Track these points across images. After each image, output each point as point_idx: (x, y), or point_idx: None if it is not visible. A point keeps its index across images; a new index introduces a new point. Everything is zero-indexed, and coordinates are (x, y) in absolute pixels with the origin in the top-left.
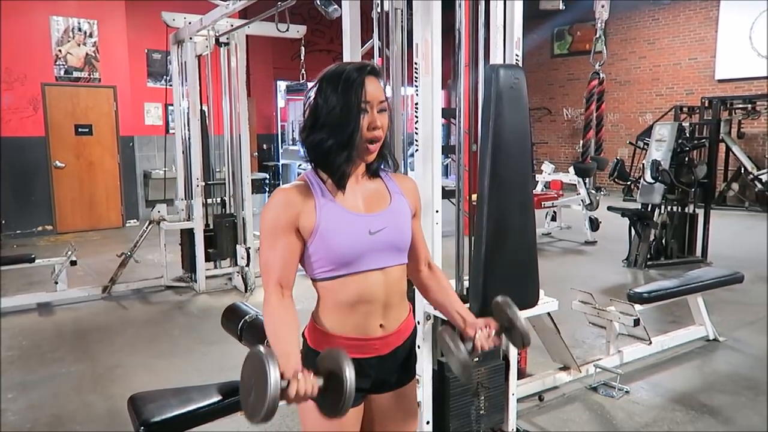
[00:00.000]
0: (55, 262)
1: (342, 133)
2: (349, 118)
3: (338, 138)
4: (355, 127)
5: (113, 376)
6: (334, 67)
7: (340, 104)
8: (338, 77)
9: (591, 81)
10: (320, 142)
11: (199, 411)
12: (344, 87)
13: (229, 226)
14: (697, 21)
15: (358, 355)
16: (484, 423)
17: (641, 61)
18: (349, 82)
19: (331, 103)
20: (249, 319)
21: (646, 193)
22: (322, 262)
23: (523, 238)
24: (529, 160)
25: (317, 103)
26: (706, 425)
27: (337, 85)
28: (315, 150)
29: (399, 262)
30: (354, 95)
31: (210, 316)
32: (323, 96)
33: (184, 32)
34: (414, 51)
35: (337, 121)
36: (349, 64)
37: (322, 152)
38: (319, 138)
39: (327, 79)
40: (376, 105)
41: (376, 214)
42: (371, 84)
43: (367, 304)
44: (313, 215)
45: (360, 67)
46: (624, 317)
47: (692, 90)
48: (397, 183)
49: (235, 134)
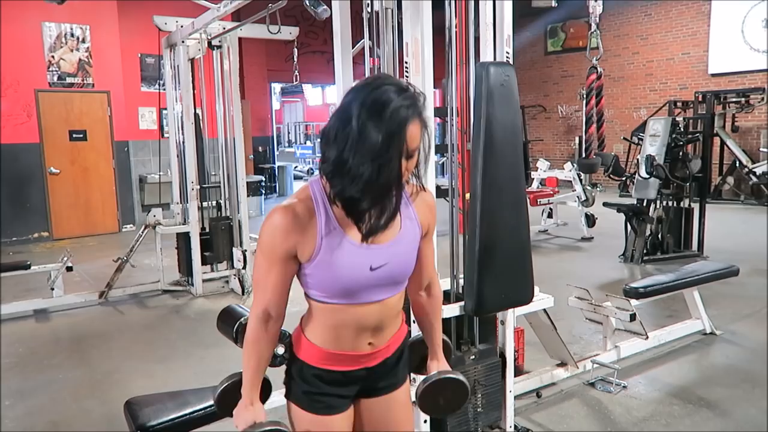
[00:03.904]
0: (51, 269)
1: (375, 179)
2: (389, 167)
3: (369, 181)
4: (392, 179)
5: (110, 381)
6: (375, 87)
7: (379, 146)
8: (382, 109)
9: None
10: (345, 173)
11: (196, 414)
12: (389, 128)
13: (225, 229)
14: (689, 16)
15: (345, 368)
16: (481, 420)
17: (634, 57)
18: (396, 122)
19: (370, 138)
20: (244, 321)
21: (641, 189)
22: (317, 287)
23: (516, 235)
24: (521, 157)
25: (350, 127)
26: (703, 418)
27: (379, 120)
28: (337, 177)
29: (398, 291)
30: (398, 141)
31: (207, 319)
32: (359, 123)
33: (176, 36)
34: (404, 50)
35: (372, 162)
36: (391, 87)
37: (344, 183)
38: (346, 169)
39: (367, 105)
40: (413, 149)
41: (381, 246)
42: (416, 127)
43: (358, 328)
44: (314, 242)
45: (409, 104)
46: (620, 312)
47: (686, 85)
48: (412, 202)
49: (230, 137)
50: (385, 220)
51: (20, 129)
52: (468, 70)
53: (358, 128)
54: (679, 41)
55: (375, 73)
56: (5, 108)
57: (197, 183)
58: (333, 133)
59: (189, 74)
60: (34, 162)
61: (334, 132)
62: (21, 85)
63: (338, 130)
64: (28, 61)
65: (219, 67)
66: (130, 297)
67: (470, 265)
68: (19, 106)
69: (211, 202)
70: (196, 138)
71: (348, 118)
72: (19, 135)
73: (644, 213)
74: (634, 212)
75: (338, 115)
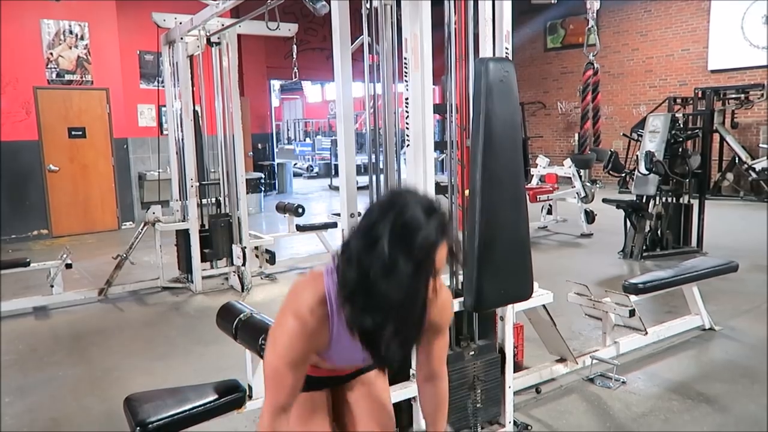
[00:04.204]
0: (50, 266)
1: (402, 308)
2: (418, 296)
3: (395, 309)
4: (420, 307)
5: (110, 378)
6: (402, 209)
7: (409, 274)
8: (412, 235)
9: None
10: (368, 298)
11: (196, 410)
12: (419, 256)
13: (225, 226)
14: (689, 12)
15: (323, 375)
16: (480, 416)
17: (634, 53)
18: (426, 250)
19: (399, 266)
20: (243, 318)
21: (640, 185)
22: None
23: (515, 231)
24: (520, 154)
25: (378, 252)
26: (702, 414)
27: (410, 247)
28: (358, 301)
29: None
30: (428, 267)
31: (207, 316)
32: (389, 248)
33: (175, 33)
34: (404, 46)
35: (399, 290)
36: (418, 209)
37: (366, 309)
38: (370, 294)
39: (397, 230)
40: (440, 269)
41: None
42: (444, 249)
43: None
44: (326, 343)
45: (438, 227)
46: (620, 308)
47: (685, 81)
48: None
49: (229, 134)
50: (407, 351)
51: (19, 126)
52: (467, 66)
53: (387, 254)
54: (679, 37)
55: (395, 188)
56: (4, 105)
57: (196, 180)
58: (357, 253)
59: (188, 71)
60: (33, 159)
61: (358, 252)
62: (20, 82)
63: (363, 251)
64: (26, 59)
65: (218, 64)
66: (130, 294)
67: (470, 260)
68: (18, 104)
69: (211, 199)
70: (195, 135)
71: (374, 241)
72: (18, 132)
73: (643, 209)
74: (633, 208)
75: (362, 234)
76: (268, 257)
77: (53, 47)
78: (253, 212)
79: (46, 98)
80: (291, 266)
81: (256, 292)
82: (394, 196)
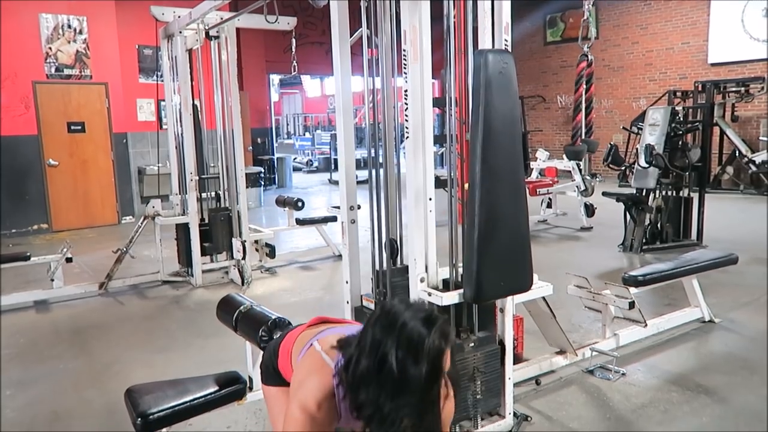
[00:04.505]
0: (50, 260)
1: (419, 419)
2: (433, 407)
3: (413, 422)
4: (435, 416)
5: (111, 371)
6: (403, 325)
7: (422, 386)
8: (418, 348)
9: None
10: (385, 417)
11: (196, 402)
12: (429, 366)
13: (225, 220)
14: (689, 5)
15: None
16: (480, 407)
17: (634, 47)
18: (433, 358)
19: (411, 382)
20: (243, 310)
21: (640, 178)
22: None
23: (515, 223)
24: (520, 145)
25: (386, 371)
26: (701, 405)
27: (418, 360)
28: (376, 423)
29: None
30: (438, 375)
31: (207, 309)
32: (398, 367)
33: (173, 26)
34: (402, 39)
35: (415, 404)
36: (417, 322)
37: (381, 423)
38: (385, 413)
39: (403, 347)
40: (446, 371)
41: None
42: (448, 353)
43: None
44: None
45: (441, 335)
46: (619, 300)
47: (685, 74)
48: None
49: (228, 128)
50: None
51: (18, 121)
52: (467, 60)
53: (397, 372)
54: (679, 31)
55: (384, 303)
56: (3, 100)
57: (196, 174)
58: (364, 375)
59: (187, 65)
60: (32, 154)
61: (366, 374)
62: (18, 77)
63: (371, 372)
64: (25, 53)
65: (217, 58)
66: (130, 288)
67: (469, 252)
68: (17, 98)
69: (210, 194)
70: (194, 129)
71: (382, 360)
72: (17, 127)
73: (643, 202)
74: (633, 202)
75: (367, 354)
76: (268, 251)
77: (52, 41)
78: (252, 206)
79: (45, 93)
80: (291, 260)
81: (256, 286)
82: (391, 313)
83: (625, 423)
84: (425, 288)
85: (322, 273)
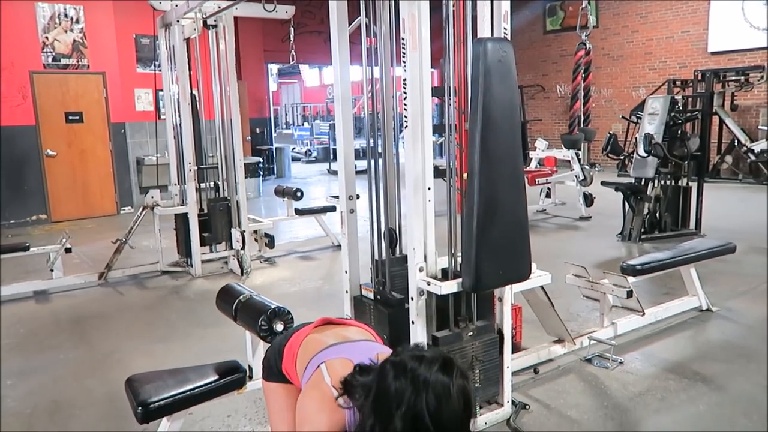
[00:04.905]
0: (50, 250)
1: None
2: None
3: None
4: None
5: (111, 361)
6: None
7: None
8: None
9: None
10: None
11: (196, 391)
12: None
13: (223, 210)
14: None
15: None
16: (479, 396)
17: (634, 36)
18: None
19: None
20: (243, 300)
21: (639, 167)
22: None
23: (513, 212)
24: (519, 135)
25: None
26: (698, 392)
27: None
28: None
29: None
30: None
31: (206, 299)
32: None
33: (171, 15)
34: (401, 27)
35: None
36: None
37: None
38: None
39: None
40: None
41: None
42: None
43: None
44: None
45: (461, 375)
46: (617, 289)
47: (685, 63)
48: None
49: (227, 118)
50: None
51: (16, 111)
52: (466, 48)
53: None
54: (679, 19)
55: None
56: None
57: (195, 164)
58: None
59: (185, 55)
60: (30, 144)
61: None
62: (15, 66)
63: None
64: (22, 43)
65: (215, 47)
66: (130, 278)
67: (468, 241)
68: (15, 88)
69: (209, 184)
70: (192, 119)
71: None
72: (15, 117)
73: (642, 192)
74: (632, 191)
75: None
76: (267, 241)
77: (48, 31)
78: (251, 196)
79: (42, 82)
80: (290, 250)
81: (255, 276)
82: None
83: (622, 411)
84: (424, 277)
85: (322, 263)
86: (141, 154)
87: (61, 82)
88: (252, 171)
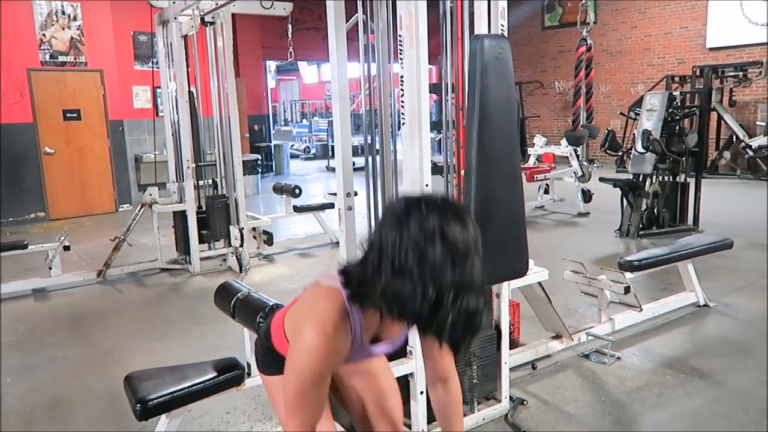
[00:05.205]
0: (48, 248)
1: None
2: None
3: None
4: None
5: (111, 358)
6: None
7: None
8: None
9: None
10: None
11: (195, 388)
12: (473, 228)
13: (222, 207)
14: None
15: None
16: (477, 392)
17: (632, 31)
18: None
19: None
20: (241, 297)
21: (637, 163)
22: None
23: (511, 209)
24: (516, 131)
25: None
26: (696, 388)
27: (461, 221)
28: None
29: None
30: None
31: (205, 297)
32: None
33: (168, 12)
34: (398, 23)
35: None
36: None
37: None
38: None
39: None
40: None
41: (385, 343)
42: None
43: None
44: (345, 354)
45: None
46: (615, 285)
47: (684, 59)
48: None
49: (225, 115)
50: (477, 324)
51: (14, 109)
52: (464, 45)
53: (442, 245)
54: (678, 15)
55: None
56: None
57: (193, 161)
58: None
59: (182, 52)
60: (28, 142)
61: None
62: (13, 64)
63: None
64: (19, 40)
65: (213, 44)
66: (128, 276)
67: None
68: (12, 86)
69: (207, 181)
70: (190, 116)
71: (426, 238)
72: (12, 115)
73: (640, 188)
74: (630, 187)
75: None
76: (265, 238)
77: (46, 28)
78: (250, 194)
79: (40, 80)
80: (289, 247)
81: (254, 273)
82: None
83: (620, 406)
84: None
85: (320, 260)
86: (139, 152)
87: (59, 79)
88: (250, 168)
